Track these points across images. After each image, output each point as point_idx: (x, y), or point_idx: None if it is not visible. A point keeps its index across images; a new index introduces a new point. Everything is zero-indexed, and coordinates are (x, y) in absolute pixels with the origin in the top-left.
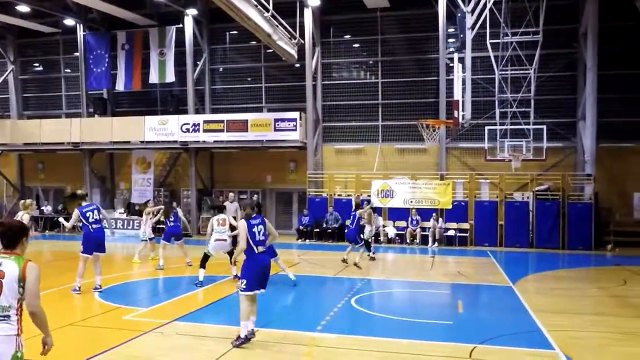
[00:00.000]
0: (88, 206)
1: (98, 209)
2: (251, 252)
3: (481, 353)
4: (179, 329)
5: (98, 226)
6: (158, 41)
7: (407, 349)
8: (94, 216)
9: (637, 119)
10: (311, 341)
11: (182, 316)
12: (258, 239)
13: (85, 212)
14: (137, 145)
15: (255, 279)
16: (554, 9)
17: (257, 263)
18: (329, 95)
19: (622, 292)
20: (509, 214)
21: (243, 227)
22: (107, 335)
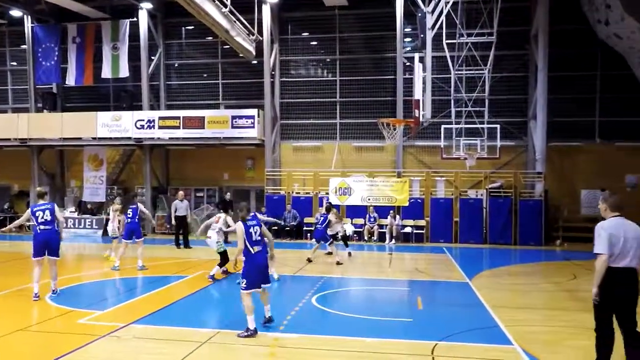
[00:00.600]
0: (41, 205)
1: (52, 209)
2: (248, 252)
3: (443, 350)
4: (136, 332)
5: (47, 227)
6: (111, 35)
7: (370, 348)
8: (45, 216)
9: (585, 119)
10: (274, 342)
11: (139, 319)
12: (254, 239)
13: (35, 211)
14: (89, 142)
15: (254, 277)
16: (507, 11)
17: (254, 262)
18: (287, 92)
19: (573, 286)
20: (464, 211)
21: (240, 230)
22: (60, 341)
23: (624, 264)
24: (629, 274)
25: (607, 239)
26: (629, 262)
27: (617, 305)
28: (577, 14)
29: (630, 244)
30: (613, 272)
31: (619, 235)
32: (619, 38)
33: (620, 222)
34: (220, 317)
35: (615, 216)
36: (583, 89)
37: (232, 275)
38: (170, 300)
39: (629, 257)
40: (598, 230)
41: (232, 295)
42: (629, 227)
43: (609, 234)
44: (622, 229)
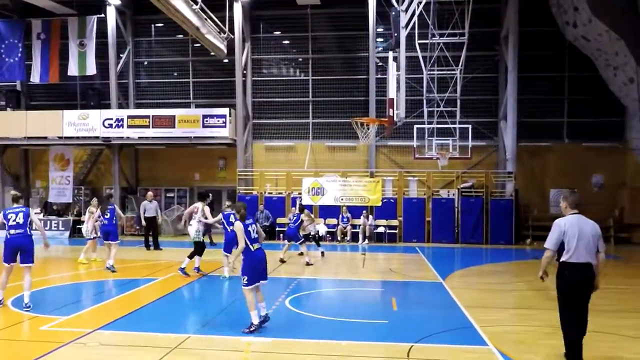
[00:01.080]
0: (15, 208)
1: (26, 213)
2: (248, 250)
3: (419, 352)
4: (102, 338)
5: (19, 232)
6: (78, 31)
7: (345, 351)
8: (17, 219)
9: (554, 119)
10: (246, 346)
11: (106, 324)
12: (253, 237)
13: (7, 214)
14: (54, 141)
15: (255, 273)
16: (478, 12)
17: (254, 259)
18: (259, 91)
19: (545, 285)
20: (436, 211)
21: (240, 229)
22: (21, 349)
23: (577, 259)
24: (585, 269)
25: (558, 235)
26: (582, 257)
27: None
28: (546, 16)
29: (585, 240)
30: (567, 266)
31: (573, 232)
32: (587, 40)
33: (578, 219)
34: (191, 321)
35: (573, 213)
36: (552, 90)
37: (210, 276)
38: (139, 304)
39: (582, 253)
40: (553, 226)
41: (203, 298)
42: (585, 224)
43: (562, 231)
44: (578, 226)
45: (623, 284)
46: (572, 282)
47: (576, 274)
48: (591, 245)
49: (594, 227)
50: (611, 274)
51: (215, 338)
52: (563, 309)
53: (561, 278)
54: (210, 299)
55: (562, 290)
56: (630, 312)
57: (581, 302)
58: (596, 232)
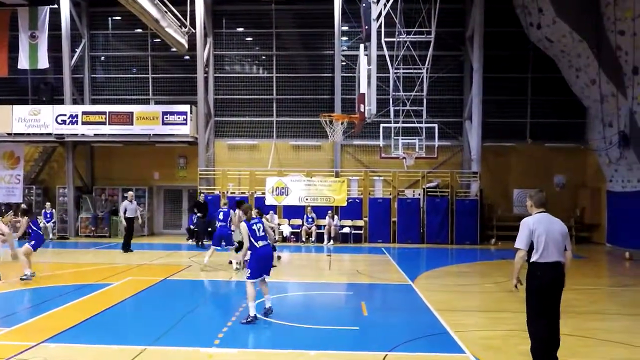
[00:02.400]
0: None
1: None
2: (253, 247)
3: None
4: (48, 352)
5: None
6: (29, 22)
7: None
8: None
9: (517, 120)
10: (209, 359)
11: (52, 336)
12: (259, 235)
13: None
14: (3, 138)
15: (259, 268)
16: (443, 12)
17: (258, 255)
18: (221, 88)
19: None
20: (401, 211)
21: (244, 229)
22: None
23: (547, 258)
24: (554, 267)
25: (527, 234)
26: (552, 255)
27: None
28: (510, 16)
29: (552, 238)
30: (538, 266)
31: (542, 231)
32: (550, 42)
33: (545, 218)
34: (147, 332)
35: (540, 212)
36: (515, 91)
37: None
38: (90, 313)
39: (552, 251)
40: (522, 225)
41: (161, 305)
42: (553, 222)
43: (530, 230)
44: (546, 224)
45: (592, 284)
46: (545, 282)
47: (549, 274)
48: (560, 243)
49: (561, 225)
50: (577, 274)
51: (172, 350)
52: (534, 311)
53: (533, 279)
54: (169, 307)
55: (534, 292)
56: (603, 313)
57: (553, 302)
58: (564, 231)
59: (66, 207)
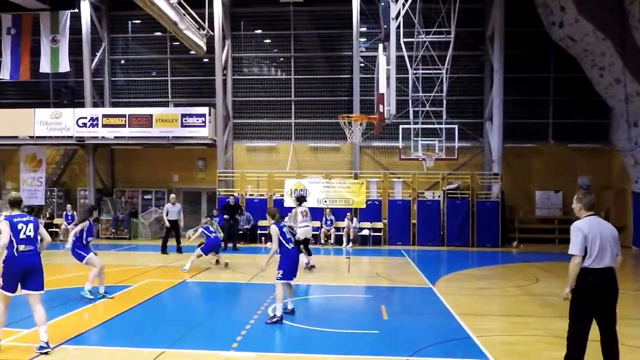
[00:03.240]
0: (22, 216)
1: (36, 224)
2: (284, 248)
3: None
4: (67, 354)
5: (30, 249)
6: (50, 27)
7: None
8: (28, 232)
9: (539, 120)
10: None
11: (71, 338)
12: (288, 237)
13: (16, 223)
14: (25, 141)
15: (290, 270)
16: (463, 12)
17: (290, 257)
18: (239, 90)
19: (538, 290)
20: (421, 213)
21: (275, 231)
22: None
23: (600, 264)
24: (607, 273)
25: (582, 239)
26: (605, 261)
27: (597, 306)
28: (532, 16)
29: (606, 243)
30: (591, 273)
31: (595, 235)
32: (573, 41)
33: (595, 221)
34: (166, 335)
35: (589, 215)
36: (537, 91)
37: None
38: (109, 315)
39: (605, 257)
40: (574, 230)
41: (180, 307)
42: (604, 226)
43: (584, 234)
44: (598, 228)
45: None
46: (597, 288)
47: (601, 280)
48: (612, 248)
49: (612, 229)
50: None
51: (190, 353)
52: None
53: (584, 285)
54: (187, 309)
55: (581, 297)
56: (629, 318)
57: (608, 310)
58: (615, 234)
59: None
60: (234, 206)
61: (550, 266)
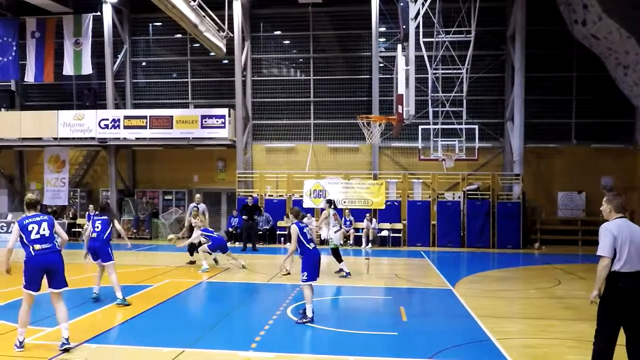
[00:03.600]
0: (34, 217)
1: (50, 222)
2: (306, 249)
3: None
4: (89, 352)
5: (46, 247)
6: (73, 30)
7: None
8: (42, 231)
9: (561, 120)
10: None
11: (93, 337)
12: (309, 237)
13: (26, 224)
14: (49, 142)
15: (314, 270)
16: (483, 11)
17: (313, 257)
18: (259, 91)
19: (560, 293)
20: (441, 214)
21: (295, 231)
22: None
23: (631, 268)
24: (637, 277)
25: (612, 241)
26: (636, 264)
27: (626, 311)
28: (553, 14)
29: (636, 246)
30: (621, 276)
31: (625, 238)
32: (596, 39)
33: (626, 223)
34: (186, 334)
35: (619, 217)
36: (559, 90)
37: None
38: (130, 314)
39: (636, 260)
40: (603, 232)
41: (199, 307)
42: (634, 229)
43: (614, 236)
44: (628, 231)
45: None
46: (629, 294)
47: (631, 284)
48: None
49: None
50: None
51: (209, 352)
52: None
53: (614, 291)
54: (207, 309)
55: (610, 299)
56: None
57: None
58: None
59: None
60: (252, 207)
61: (573, 268)
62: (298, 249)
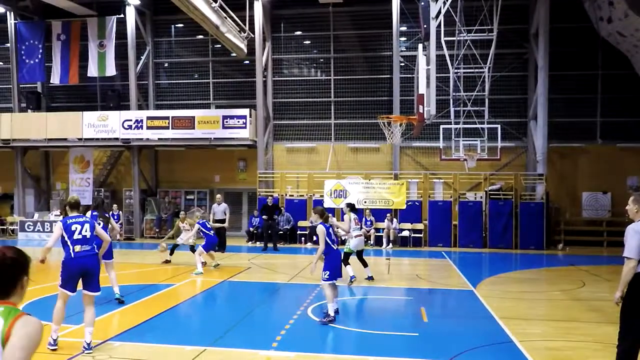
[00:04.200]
0: (77, 217)
1: (92, 224)
2: (330, 249)
3: None
4: (113, 350)
5: (86, 248)
6: (97, 32)
7: None
8: (83, 232)
9: (585, 119)
10: None
11: (117, 334)
12: (333, 238)
13: (70, 225)
14: (74, 143)
15: (337, 270)
16: (506, 9)
17: (336, 257)
18: (280, 92)
19: (585, 294)
20: (463, 214)
21: (322, 232)
22: None
23: None
24: None
25: (639, 243)
26: None
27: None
28: (578, 11)
29: None
30: None
31: None
32: (622, 36)
33: None
34: (207, 333)
35: None
36: (583, 89)
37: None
38: (153, 313)
39: None
40: (632, 233)
41: (221, 306)
42: None
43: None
44: None
45: None
46: None
47: None
48: None
49: None
50: None
51: (233, 351)
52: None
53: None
54: (228, 308)
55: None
56: None
57: None
58: None
59: (132, 209)
60: (272, 207)
61: (598, 270)
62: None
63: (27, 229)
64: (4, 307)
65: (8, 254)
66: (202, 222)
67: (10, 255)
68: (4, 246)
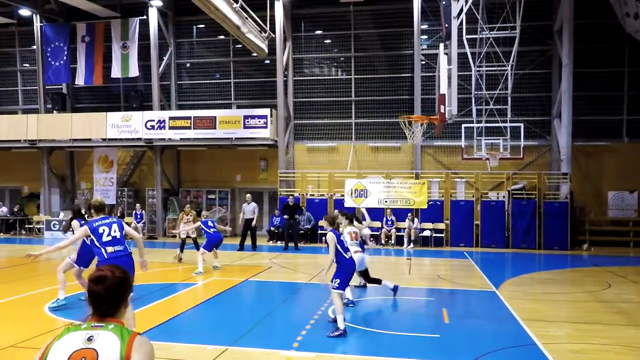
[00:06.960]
0: (104, 219)
1: (120, 224)
2: (342, 257)
3: None
4: None
5: (119, 249)
6: (121, 33)
7: None
8: (113, 233)
9: (611, 117)
10: None
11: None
12: (345, 246)
13: (97, 227)
14: (98, 143)
15: (347, 279)
16: (529, 5)
17: (347, 266)
18: (300, 91)
19: (610, 296)
20: (485, 214)
21: (332, 239)
22: None
23: None
24: None
25: None
26: None
27: None
28: (603, 7)
29: None
30: None
31: None
32: None
33: None
34: (229, 332)
35: None
36: (609, 86)
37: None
38: (174, 312)
39: None
40: None
41: (242, 306)
42: None
43: None
44: None
45: None
46: None
47: None
48: None
49: None
50: None
51: (254, 351)
52: None
53: None
54: (249, 308)
55: None
56: None
57: None
58: None
59: (155, 208)
60: (293, 206)
61: (624, 271)
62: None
63: (53, 228)
64: (114, 324)
65: (117, 273)
66: (204, 220)
67: (118, 275)
68: (110, 265)
